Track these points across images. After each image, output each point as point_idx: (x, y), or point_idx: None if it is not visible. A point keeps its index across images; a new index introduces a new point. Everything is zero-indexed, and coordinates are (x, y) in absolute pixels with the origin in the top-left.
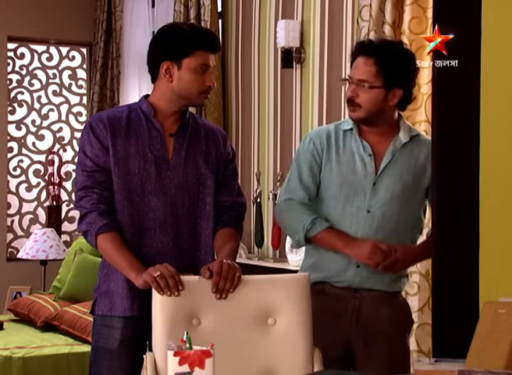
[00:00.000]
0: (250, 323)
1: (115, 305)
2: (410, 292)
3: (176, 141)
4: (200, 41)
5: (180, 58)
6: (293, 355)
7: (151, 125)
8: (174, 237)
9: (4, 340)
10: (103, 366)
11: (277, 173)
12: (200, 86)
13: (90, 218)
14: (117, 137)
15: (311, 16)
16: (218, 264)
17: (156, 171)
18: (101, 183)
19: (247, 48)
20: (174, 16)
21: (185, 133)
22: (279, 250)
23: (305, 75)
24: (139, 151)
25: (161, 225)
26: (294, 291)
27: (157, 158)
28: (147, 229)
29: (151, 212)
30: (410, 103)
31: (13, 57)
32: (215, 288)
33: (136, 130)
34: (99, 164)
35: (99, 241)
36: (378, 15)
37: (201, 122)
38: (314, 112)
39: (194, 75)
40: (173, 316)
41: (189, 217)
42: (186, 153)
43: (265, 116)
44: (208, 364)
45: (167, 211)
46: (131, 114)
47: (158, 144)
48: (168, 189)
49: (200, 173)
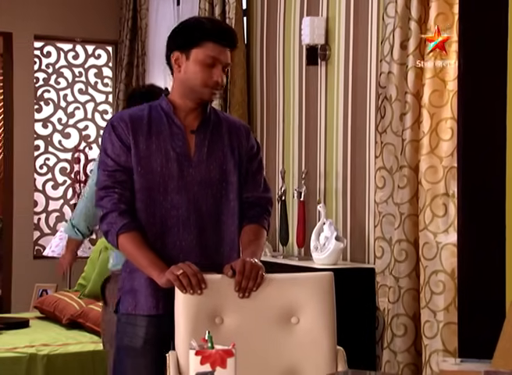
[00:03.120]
0: (273, 322)
1: (140, 303)
2: (435, 291)
3: (198, 138)
4: (212, 31)
5: (189, 48)
6: (317, 355)
7: (172, 122)
8: (197, 235)
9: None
10: (127, 364)
11: (302, 170)
12: (205, 79)
13: (111, 218)
14: (139, 136)
15: (336, 12)
16: (241, 263)
17: (178, 168)
18: (121, 183)
19: (272, 45)
20: (199, 13)
21: (206, 129)
22: (304, 248)
23: (330, 72)
24: (161, 148)
25: (184, 223)
26: (318, 290)
27: (179, 155)
28: (171, 227)
29: (174, 210)
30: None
31: (40, 55)
32: (237, 287)
33: (158, 128)
34: (120, 163)
35: (120, 240)
36: (404, 11)
37: (223, 116)
38: (340, 109)
39: (201, 67)
40: (196, 314)
41: (212, 214)
42: (208, 149)
43: (290, 114)
44: (230, 363)
45: (190, 208)
46: (152, 112)
47: (179, 140)
48: (190, 186)
49: (222, 169)
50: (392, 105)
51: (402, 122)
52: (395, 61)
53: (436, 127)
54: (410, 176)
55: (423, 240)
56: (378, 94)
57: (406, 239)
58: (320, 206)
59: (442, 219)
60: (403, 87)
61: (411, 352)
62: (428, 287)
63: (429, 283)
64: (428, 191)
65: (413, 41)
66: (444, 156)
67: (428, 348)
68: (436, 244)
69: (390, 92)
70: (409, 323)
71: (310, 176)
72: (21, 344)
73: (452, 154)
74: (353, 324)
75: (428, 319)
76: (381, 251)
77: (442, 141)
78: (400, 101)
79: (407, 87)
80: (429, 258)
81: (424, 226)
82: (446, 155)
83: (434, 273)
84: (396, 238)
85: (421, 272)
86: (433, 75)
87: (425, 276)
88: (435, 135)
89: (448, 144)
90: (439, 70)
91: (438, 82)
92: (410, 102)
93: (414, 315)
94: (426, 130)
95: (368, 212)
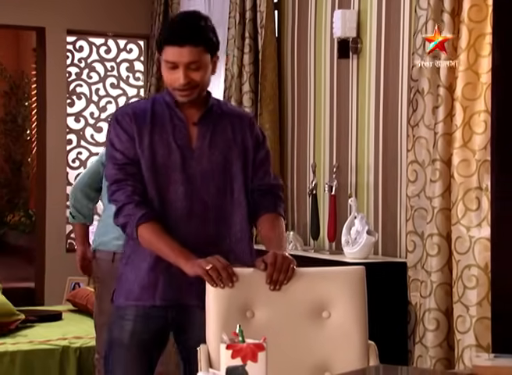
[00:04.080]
0: (304, 316)
1: (131, 297)
2: (468, 285)
3: (200, 129)
4: (165, 35)
5: (160, 53)
6: (348, 349)
7: (174, 114)
8: (202, 225)
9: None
10: (114, 357)
11: (333, 164)
12: (171, 82)
13: (128, 210)
14: (143, 129)
15: (367, 5)
16: (273, 255)
17: (181, 160)
18: (133, 175)
19: (303, 38)
20: (230, 7)
21: (208, 121)
22: (335, 242)
23: (362, 65)
24: (163, 141)
25: (188, 214)
26: (349, 284)
27: (180, 147)
28: (175, 218)
29: (178, 202)
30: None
31: (72, 50)
32: (269, 279)
33: (160, 121)
34: (129, 156)
35: (140, 231)
36: (437, 3)
37: (226, 108)
38: (371, 102)
39: (166, 71)
40: (227, 308)
41: (216, 205)
42: (210, 141)
43: (321, 107)
44: (261, 357)
45: (193, 199)
46: (155, 105)
47: (181, 133)
48: (193, 178)
49: (225, 160)
50: (424, 98)
51: (434, 115)
52: (427, 54)
53: (469, 120)
54: (442, 170)
55: (455, 234)
56: (410, 88)
57: (438, 233)
58: (351, 200)
59: (475, 213)
60: (435, 80)
61: (443, 347)
62: (460, 282)
63: (462, 278)
64: (461, 185)
65: (445, 34)
66: (477, 150)
67: (460, 343)
68: (469, 239)
69: (422, 85)
70: (441, 318)
71: (341, 170)
72: (54, 336)
73: (485, 147)
74: (384, 319)
75: (461, 314)
76: (413, 246)
77: (476, 135)
78: (432, 95)
79: (440, 80)
80: (462, 253)
81: (456, 220)
82: (479, 149)
83: (467, 268)
84: (428, 232)
85: (454, 266)
86: (466, 68)
87: (458, 271)
88: (468, 128)
89: (481, 138)
90: (472, 63)
91: (471, 75)
92: (443, 95)
93: (446, 309)
94: (459, 124)
95: (400, 206)
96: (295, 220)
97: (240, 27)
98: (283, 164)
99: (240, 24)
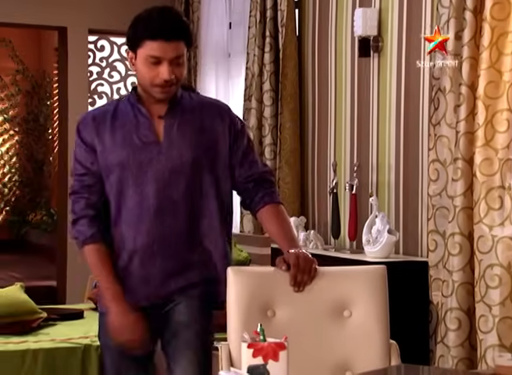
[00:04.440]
0: (326, 315)
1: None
2: (490, 285)
3: (166, 123)
4: (149, 28)
5: (134, 48)
6: (369, 349)
7: (138, 111)
8: (171, 223)
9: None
10: (107, 361)
11: (354, 163)
12: (152, 78)
13: (80, 225)
14: (103, 133)
15: (389, 3)
16: (295, 257)
17: (147, 158)
18: (89, 187)
19: (324, 37)
20: (251, 6)
21: (175, 113)
22: (356, 241)
23: (383, 64)
24: (126, 140)
25: (158, 212)
26: (370, 283)
27: (146, 144)
28: (143, 218)
29: (147, 200)
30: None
31: (94, 49)
32: (293, 281)
33: (123, 120)
34: (86, 166)
35: (86, 251)
36: (459, 1)
37: (198, 99)
38: (392, 101)
39: (146, 66)
40: (248, 307)
41: (186, 200)
42: (177, 134)
43: (342, 106)
44: (282, 356)
45: (162, 197)
46: (119, 105)
47: (145, 129)
48: (160, 174)
49: (195, 151)
50: (446, 96)
51: (456, 114)
52: (449, 52)
53: (492, 119)
54: (464, 169)
55: (478, 233)
56: (432, 86)
57: (460, 232)
58: (372, 199)
59: (497, 212)
60: (457, 78)
61: (465, 347)
62: (483, 281)
63: (484, 277)
64: (484, 184)
65: (468, 32)
66: (500, 148)
67: (483, 343)
68: (492, 238)
69: (444, 84)
70: (463, 318)
71: (362, 169)
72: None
73: (508, 146)
74: (406, 318)
75: (484, 314)
76: (434, 245)
77: (498, 133)
78: (454, 93)
79: (462, 78)
80: (484, 252)
81: (479, 219)
82: (501, 147)
83: (489, 267)
84: (449, 231)
85: (476, 265)
86: (489, 66)
87: (480, 270)
88: (490, 127)
89: (504, 136)
90: (494, 61)
91: (493, 73)
92: (465, 94)
93: (468, 309)
94: (481, 122)
95: (421, 205)
96: (316, 219)
97: (261, 26)
98: (304, 163)
99: (260, 23)
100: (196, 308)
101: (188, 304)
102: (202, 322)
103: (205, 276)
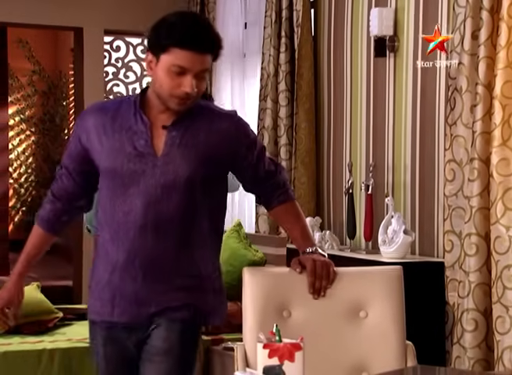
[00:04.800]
0: (342, 315)
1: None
2: (508, 286)
3: (169, 134)
4: (181, 36)
5: (158, 52)
6: (385, 350)
7: (139, 118)
8: (155, 241)
9: None
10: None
11: (369, 163)
12: (172, 89)
13: (44, 202)
14: (103, 131)
15: (405, 3)
16: (311, 263)
17: (141, 169)
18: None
19: (340, 37)
20: (266, 6)
21: (181, 125)
22: (372, 241)
23: (399, 64)
24: (123, 146)
25: (142, 227)
26: (386, 284)
27: (141, 154)
28: (129, 229)
29: (135, 214)
30: None
31: (109, 50)
32: (311, 289)
33: (122, 124)
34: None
35: (34, 227)
36: (476, 0)
37: (208, 110)
38: (408, 101)
39: (167, 75)
40: (264, 307)
41: (174, 218)
42: (178, 147)
43: (357, 106)
44: (298, 357)
45: (151, 212)
46: (122, 106)
47: (142, 139)
48: (152, 189)
49: (192, 169)
50: (462, 96)
51: (472, 113)
52: (465, 51)
53: (508, 119)
54: (480, 169)
55: (495, 234)
56: (448, 86)
57: (476, 233)
58: (388, 199)
59: None
60: (473, 78)
61: (482, 348)
62: (500, 282)
63: (501, 278)
64: (500, 184)
65: (484, 31)
66: None
67: (500, 344)
68: (509, 238)
69: (460, 83)
70: (480, 319)
71: (377, 169)
72: None
73: None
74: (422, 319)
75: (501, 315)
76: (450, 245)
77: None
78: (470, 93)
79: (478, 78)
80: (501, 253)
81: (495, 219)
82: None
83: (506, 268)
84: (466, 232)
85: (493, 266)
86: (505, 65)
87: (497, 271)
88: (507, 127)
89: None
90: (511, 60)
91: (510, 72)
92: (481, 93)
93: (485, 310)
94: (498, 122)
95: (437, 205)
96: (331, 219)
97: (276, 26)
98: (319, 163)
99: (276, 23)
100: (177, 333)
101: (169, 327)
102: (182, 351)
103: (191, 299)
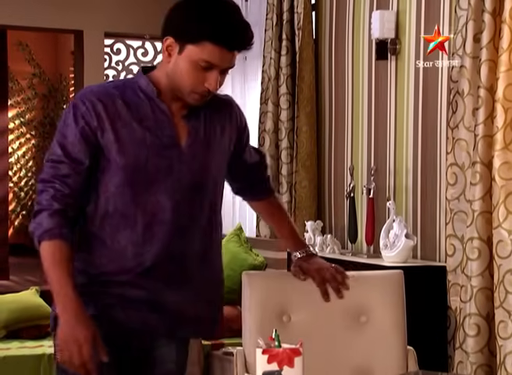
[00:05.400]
0: (342, 320)
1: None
2: (510, 290)
3: (190, 124)
4: (216, 31)
5: (185, 41)
6: (387, 355)
7: (156, 106)
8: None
9: None
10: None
11: (371, 167)
12: (195, 83)
13: (40, 218)
14: (115, 120)
15: (406, 5)
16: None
17: (167, 164)
18: (62, 177)
19: (341, 39)
20: (267, 8)
21: (199, 114)
22: (373, 246)
23: (400, 67)
24: (145, 138)
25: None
26: (388, 288)
27: (167, 146)
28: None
29: (162, 214)
30: None
31: (110, 53)
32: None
33: (139, 113)
34: (70, 153)
35: (42, 248)
36: (478, 3)
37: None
38: (410, 104)
39: (192, 68)
40: (263, 312)
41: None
42: (203, 139)
43: (359, 109)
44: (298, 363)
45: (180, 213)
46: (126, 91)
47: (166, 129)
48: (181, 186)
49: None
50: (464, 99)
51: (474, 117)
52: (467, 54)
53: (511, 122)
54: (482, 173)
55: (497, 238)
56: (450, 89)
57: (478, 237)
58: (389, 203)
59: None
60: (475, 81)
61: (485, 353)
62: (502, 287)
63: (504, 283)
64: (502, 188)
65: (486, 34)
66: None
67: (502, 349)
68: (511, 242)
69: (462, 86)
70: (482, 323)
71: (379, 173)
72: None
73: None
74: (423, 323)
75: (503, 320)
76: (452, 249)
77: None
78: (472, 96)
79: (480, 81)
80: (504, 257)
81: (498, 223)
82: None
83: (508, 272)
84: (468, 236)
85: (495, 270)
86: (508, 68)
87: (499, 275)
88: (509, 130)
89: None
90: None
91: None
92: (484, 97)
93: (487, 314)
94: (500, 125)
95: (439, 209)
96: (332, 223)
97: (277, 29)
98: (320, 166)
99: (277, 26)
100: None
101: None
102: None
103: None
